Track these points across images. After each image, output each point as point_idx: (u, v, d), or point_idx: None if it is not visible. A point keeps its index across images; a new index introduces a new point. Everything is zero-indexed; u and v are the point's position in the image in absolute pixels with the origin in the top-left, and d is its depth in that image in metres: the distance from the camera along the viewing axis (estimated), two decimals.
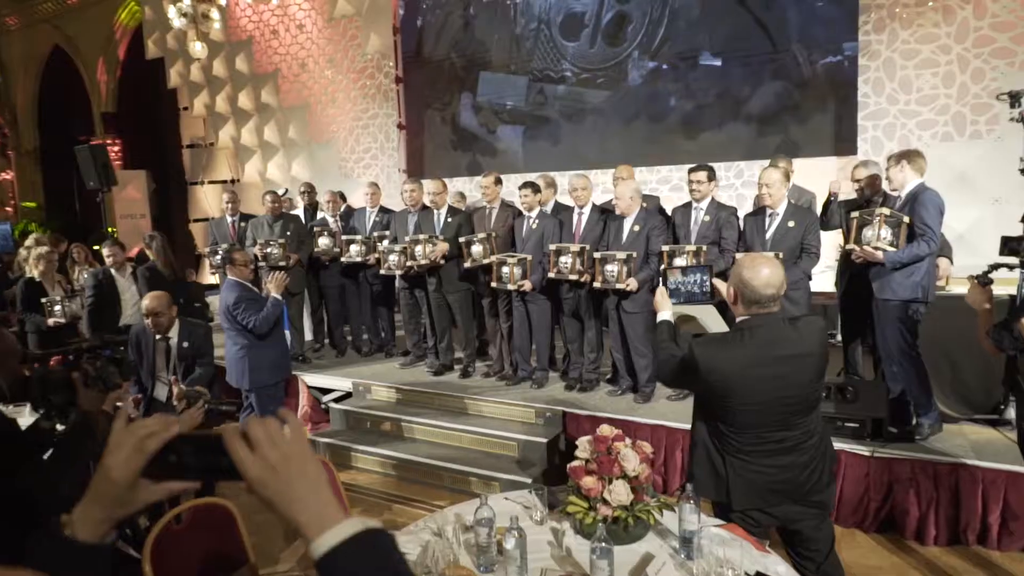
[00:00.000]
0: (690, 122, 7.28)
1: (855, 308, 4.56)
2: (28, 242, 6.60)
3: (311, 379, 5.84)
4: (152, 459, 0.78)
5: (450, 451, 4.67)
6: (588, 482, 2.39)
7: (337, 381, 5.76)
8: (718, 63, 7.01)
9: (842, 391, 3.96)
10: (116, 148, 13.41)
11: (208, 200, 10.98)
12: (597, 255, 4.50)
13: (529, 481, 4.24)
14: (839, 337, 5.02)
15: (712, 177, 4.51)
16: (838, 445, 3.84)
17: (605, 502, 2.37)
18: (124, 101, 13.61)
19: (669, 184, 7.28)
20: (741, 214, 4.76)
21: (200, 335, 4.13)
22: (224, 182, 10.81)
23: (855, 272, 4.29)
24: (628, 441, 2.52)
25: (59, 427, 2.03)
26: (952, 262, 4.20)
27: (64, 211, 14.76)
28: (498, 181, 5.38)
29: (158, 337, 4.01)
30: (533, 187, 5.07)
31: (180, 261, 6.86)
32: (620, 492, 2.35)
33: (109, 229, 13.55)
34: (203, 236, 11.15)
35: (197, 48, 8.15)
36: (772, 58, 6.73)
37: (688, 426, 4.27)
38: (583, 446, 2.51)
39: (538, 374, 5.22)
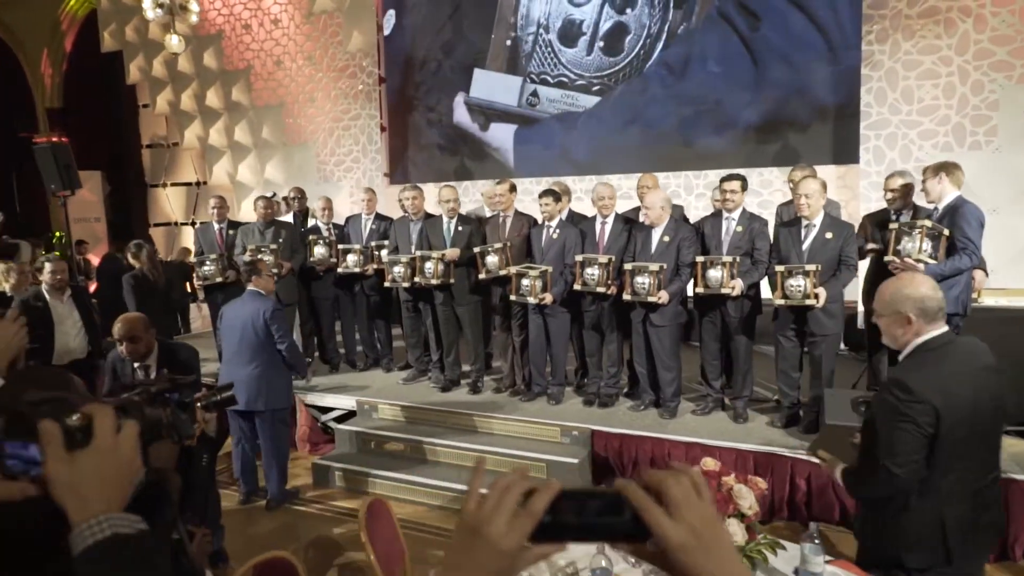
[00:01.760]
0: (688, 128, 7.22)
1: None
2: None
3: (308, 397, 5.48)
4: None
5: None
6: None
7: (338, 399, 5.42)
8: (717, 70, 6.97)
9: None
10: None
11: (171, 203, 10.37)
12: (628, 266, 4.34)
13: None
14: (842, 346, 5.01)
15: (745, 187, 4.41)
16: None
17: None
18: (72, 96, 12.76)
19: (667, 190, 7.19)
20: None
21: (182, 358, 3.71)
22: (188, 184, 10.24)
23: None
24: (732, 475, 2.36)
25: None
26: (987, 274, 4.21)
27: (2, 212, 13.75)
28: (513, 189, 5.17)
29: (136, 365, 3.62)
30: (554, 195, 4.87)
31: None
32: (734, 532, 2.18)
33: (57, 234, 12.69)
34: (164, 241, 10.55)
35: (174, 42, 7.62)
36: (772, 66, 6.73)
37: (723, 443, 4.21)
38: None
39: (554, 389, 5.03)
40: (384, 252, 5.70)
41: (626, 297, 4.36)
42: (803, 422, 4.28)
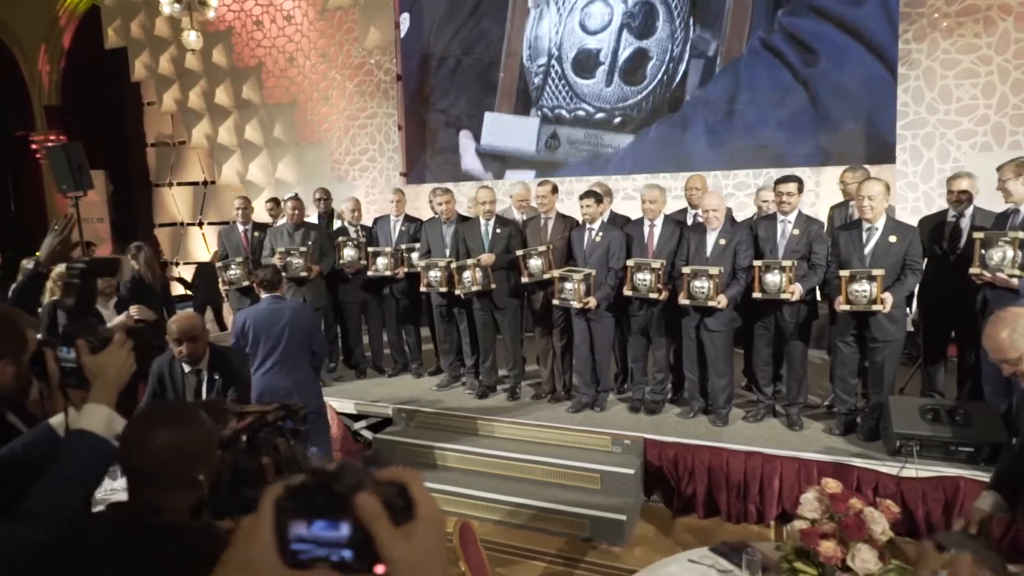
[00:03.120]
0: (716, 128, 7.11)
1: (939, 325, 4.46)
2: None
3: (340, 404, 5.31)
4: None
5: (524, 486, 4.28)
6: (828, 548, 2.08)
7: (371, 406, 5.26)
8: (747, 72, 6.87)
9: (952, 414, 3.80)
10: None
11: (177, 203, 10.13)
12: (687, 270, 4.21)
13: (623, 518, 3.91)
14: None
15: (801, 188, 4.30)
16: (953, 471, 3.72)
17: (848, 570, 2.08)
18: (70, 94, 12.44)
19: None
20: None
21: (234, 363, 3.57)
22: (195, 184, 10.00)
23: (946, 289, 4.18)
24: (855, 497, 2.23)
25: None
26: None
27: None
28: (555, 190, 5.03)
29: (187, 369, 3.44)
30: (595, 196, 4.73)
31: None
32: (868, 559, 2.06)
33: None
34: (170, 242, 10.31)
35: (191, 38, 7.40)
36: (803, 66, 6.63)
37: (784, 451, 4.10)
38: (810, 504, 2.20)
39: (599, 396, 4.90)
40: (415, 255, 5.55)
41: (684, 302, 4.23)
42: (862, 429, 4.17)
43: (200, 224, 9.99)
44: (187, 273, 10.04)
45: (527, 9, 7.69)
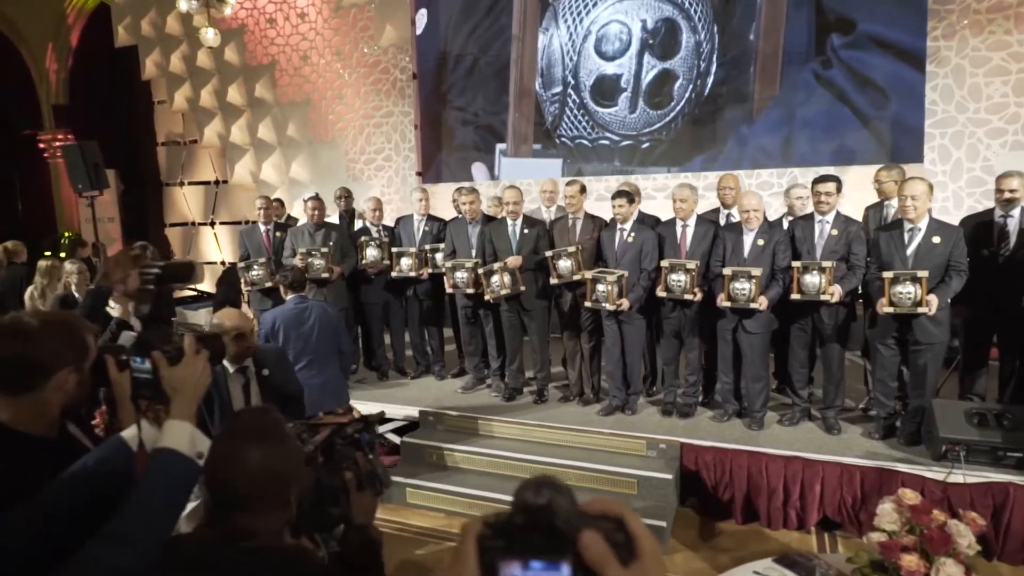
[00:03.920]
0: (739, 126, 7.03)
1: (982, 328, 4.37)
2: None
3: (365, 407, 5.22)
4: None
5: None
6: (911, 562, 2.01)
7: (396, 409, 5.18)
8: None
9: (1000, 419, 3.72)
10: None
11: (188, 203, 10.04)
12: (727, 271, 4.13)
13: (664, 525, 3.84)
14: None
15: (840, 188, 4.22)
16: (1002, 477, 3.64)
17: None
18: (78, 92, 12.34)
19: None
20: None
21: (274, 358, 3.50)
22: (207, 183, 9.91)
23: (991, 292, 4.10)
24: (936, 509, 2.16)
25: (323, 552, 1.49)
26: None
27: (4, 211, 13.31)
28: (583, 190, 4.95)
29: (232, 369, 3.35)
30: (627, 196, 4.65)
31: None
32: (953, 573, 1.98)
33: (66, 233, 12.30)
34: (181, 242, 10.23)
35: (209, 35, 7.30)
36: (827, 62, 6.55)
37: (824, 456, 4.02)
38: (888, 515, 2.12)
39: (630, 399, 4.82)
40: (439, 256, 5.47)
41: (725, 304, 4.15)
42: (903, 433, 4.10)
43: (212, 224, 9.90)
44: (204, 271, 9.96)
45: (536, 37, 7.52)
